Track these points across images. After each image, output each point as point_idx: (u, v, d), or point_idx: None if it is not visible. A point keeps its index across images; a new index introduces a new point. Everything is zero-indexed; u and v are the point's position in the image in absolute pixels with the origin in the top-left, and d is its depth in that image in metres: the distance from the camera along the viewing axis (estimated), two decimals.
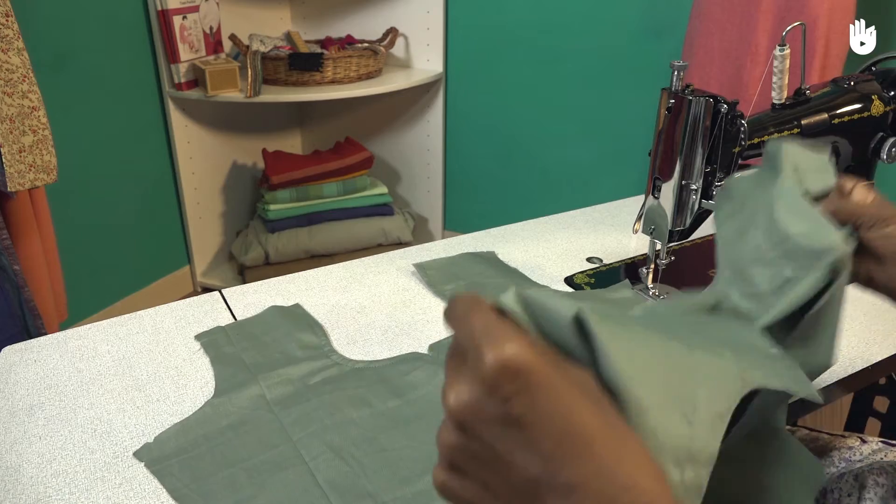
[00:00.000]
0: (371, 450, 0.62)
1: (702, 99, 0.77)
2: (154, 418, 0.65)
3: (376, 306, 0.87)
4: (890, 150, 0.88)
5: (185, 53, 2.00)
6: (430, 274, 0.92)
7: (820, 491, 0.65)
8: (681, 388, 0.32)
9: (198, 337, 0.78)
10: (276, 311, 0.84)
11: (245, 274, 2.24)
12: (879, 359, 0.77)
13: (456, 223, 2.58)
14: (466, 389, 0.26)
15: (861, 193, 0.52)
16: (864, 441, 0.69)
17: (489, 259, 0.98)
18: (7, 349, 0.76)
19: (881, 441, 0.67)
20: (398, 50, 2.36)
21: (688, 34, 1.78)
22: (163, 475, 0.58)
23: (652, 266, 0.91)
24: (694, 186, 0.81)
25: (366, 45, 2.24)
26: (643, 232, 0.87)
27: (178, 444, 0.62)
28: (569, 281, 0.93)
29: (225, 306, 0.85)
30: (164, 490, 0.57)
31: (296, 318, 0.82)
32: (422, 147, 2.48)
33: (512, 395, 0.25)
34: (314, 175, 2.22)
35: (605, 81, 2.14)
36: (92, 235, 1.97)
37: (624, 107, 2.13)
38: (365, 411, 0.67)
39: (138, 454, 0.61)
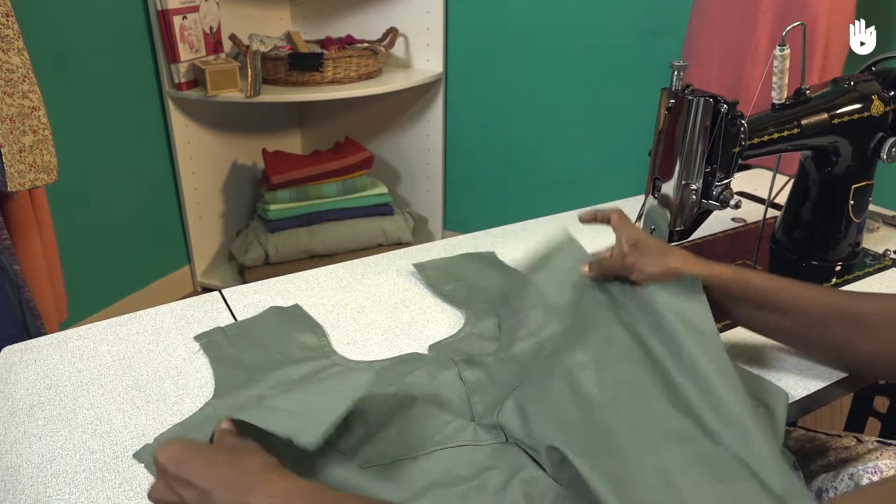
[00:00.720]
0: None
1: (702, 99, 0.77)
2: (154, 418, 0.65)
3: (376, 306, 0.87)
4: (890, 150, 0.88)
5: (185, 53, 2.00)
6: (429, 274, 0.92)
7: (816, 490, 0.65)
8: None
9: (197, 338, 0.78)
10: (275, 311, 0.83)
11: (245, 274, 2.24)
12: None
13: (456, 223, 2.58)
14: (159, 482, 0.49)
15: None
16: (859, 441, 0.69)
17: (488, 259, 0.98)
18: (7, 349, 0.76)
19: (877, 440, 0.67)
20: (398, 50, 2.36)
21: (688, 34, 1.78)
22: None
23: None
24: (694, 186, 0.81)
25: (366, 45, 2.24)
26: None
27: None
28: None
29: (225, 306, 0.85)
30: None
31: (295, 318, 0.82)
32: (422, 147, 2.48)
33: (169, 473, 0.47)
34: (314, 175, 2.22)
35: (605, 81, 2.14)
36: (92, 235, 1.97)
37: (624, 107, 2.13)
38: None
39: (138, 455, 0.61)
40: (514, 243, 1.04)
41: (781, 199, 1.02)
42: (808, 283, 0.68)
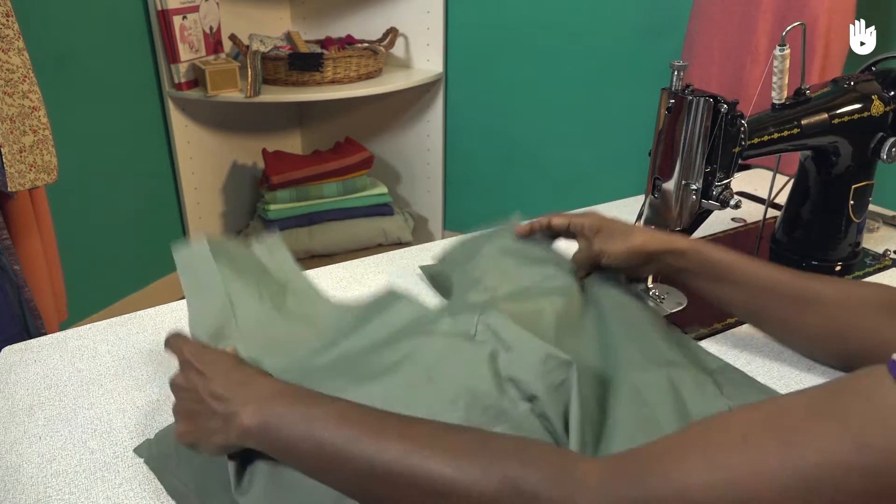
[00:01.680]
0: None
1: (702, 99, 0.77)
2: (154, 418, 0.65)
3: None
4: (890, 150, 0.88)
5: (185, 53, 2.00)
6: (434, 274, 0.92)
7: None
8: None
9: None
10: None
11: None
12: None
13: (456, 223, 2.58)
14: (181, 371, 0.56)
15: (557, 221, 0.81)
16: None
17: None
18: (7, 349, 0.76)
19: None
20: (398, 50, 2.36)
21: (688, 34, 1.78)
22: (162, 472, 0.58)
23: None
24: (694, 186, 0.81)
25: (366, 45, 2.24)
26: None
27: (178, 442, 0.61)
28: None
29: None
30: (164, 490, 0.57)
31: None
32: (422, 147, 2.48)
33: (190, 362, 0.55)
34: (314, 175, 2.22)
35: (606, 81, 2.14)
36: (92, 235, 1.97)
37: (624, 107, 2.13)
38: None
39: (138, 450, 0.61)
40: None
41: (781, 199, 1.02)
42: (760, 259, 0.71)
